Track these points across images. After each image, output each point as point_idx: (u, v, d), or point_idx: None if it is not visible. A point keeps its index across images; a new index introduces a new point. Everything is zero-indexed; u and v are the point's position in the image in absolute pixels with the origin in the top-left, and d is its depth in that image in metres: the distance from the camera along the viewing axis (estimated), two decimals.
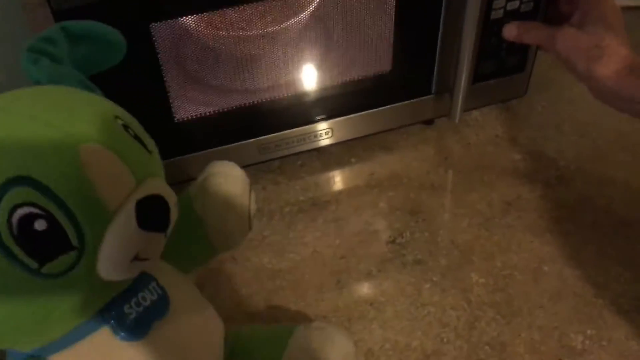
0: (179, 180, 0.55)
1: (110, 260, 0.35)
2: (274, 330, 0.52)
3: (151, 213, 0.36)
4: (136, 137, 0.38)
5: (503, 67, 0.71)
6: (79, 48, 0.43)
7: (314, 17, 0.66)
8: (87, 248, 0.34)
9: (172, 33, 0.58)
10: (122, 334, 0.38)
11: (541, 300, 0.58)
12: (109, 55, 0.45)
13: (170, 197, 0.38)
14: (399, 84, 0.69)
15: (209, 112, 0.64)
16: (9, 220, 0.31)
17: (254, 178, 0.71)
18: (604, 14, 0.57)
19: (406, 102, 0.71)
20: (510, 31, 0.65)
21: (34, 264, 0.32)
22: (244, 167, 0.70)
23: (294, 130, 0.68)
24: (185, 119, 0.63)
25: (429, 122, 0.76)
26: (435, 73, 0.69)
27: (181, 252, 0.45)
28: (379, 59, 0.67)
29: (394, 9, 0.62)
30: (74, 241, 0.33)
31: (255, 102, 0.65)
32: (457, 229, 0.65)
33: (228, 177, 0.48)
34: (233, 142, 0.67)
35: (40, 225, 0.32)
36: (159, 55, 0.58)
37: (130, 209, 0.35)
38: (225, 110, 0.64)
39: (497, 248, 0.62)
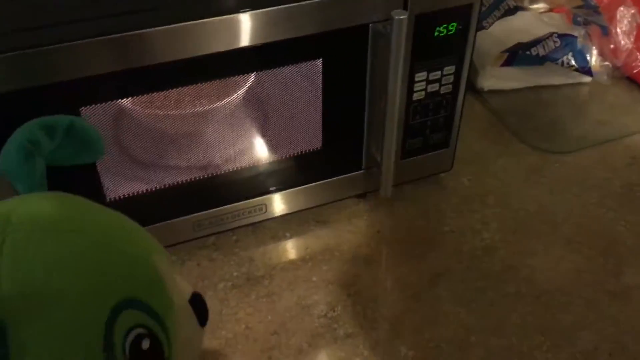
0: None
1: None
2: None
3: (202, 309, 0.40)
4: None
5: (429, 143, 0.75)
6: (67, 145, 0.41)
7: (246, 97, 0.69)
8: (172, 357, 0.34)
9: (104, 115, 0.59)
10: None
11: None
12: (84, 159, 0.44)
13: None
14: (331, 160, 0.72)
15: (142, 191, 0.65)
16: (123, 347, 0.31)
17: (188, 255, 0.71)
18: None
19: (338, 177, 0.73)
20: None
21: None
22: (178, 244, 0.71)
23: (228, 206, 0.70)
24: (117, 198, 0.63)
25: (361, 196, 0.78)
26: (364, 149, 0.72)
27: None
28: (310, 137, 0.69)
29: (320, 90, 0.66)
30: (167, 353, 0.34)
31: (189, 180, 0.66)
32: (388, 301, 0.66)
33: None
34: (167, 220, 0.68)
35: (145, 344, 0.32)
36: None
37: (190, 310, 0.38)
38: (159, 188, 0.65)
39: (425, 320, 0.64)
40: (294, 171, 0.71)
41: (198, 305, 0.40)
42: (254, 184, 0.70)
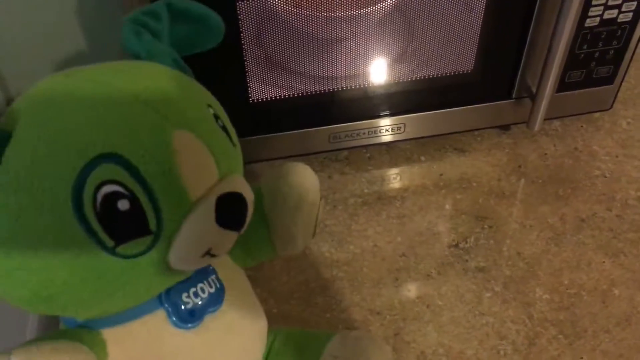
0: (247, 161, 0.55)
1: (183, 251, 0.34)
2: (311, 335, 0.50)
3: (230, 211, 0.35)
4: (224, 128, 0.37)
5: (591, 77, 0.68)
6: (179, 27, 0.42)
7: (397, 6, 0.65)
8: (163, 235, 0.33)
9: (258, 12, 0.58)
10: (176, 321, 0.39)
11: (608, 324, 0.55)
12: (207, 39, 0.44)
13: (250, 197, 0.37)
14: (479, 85, 0.67)
15: (284, 96, 0.64)
16: (94, 196, 0.31)
17: (321, 166, 0.71)
18: None
19: (484, 104, 0.69)
20: None
21: (110, 242, 0.32)
22: (312, 154, 0.70)
23: (365, 122, 0.68)
24: (260, 100, 0.63)
25: (505, 128, 0.73)
26: (518, 77, 0.67)
27: (241, 248, 0.44)
28: (461, 57, 0.65)
29: (483, 4, 0.60)
30: (152, 226, 0.33)
31: (330, 90, 0.64)
32: (525, 240, 0.62)
33: (303, 182, 0.46)
34: (305, 128, 0.67)
35: (123, 205, 0.31)
36: (241, 34, 0.58)
37: (210, 203, 0.34)
38: (300, 94, 0.64)
39: (565, 265, 0.60)
40: (438, 92, 0.67)
41: (222, 204, 0.35)
42: (394, 101, 0.67)
